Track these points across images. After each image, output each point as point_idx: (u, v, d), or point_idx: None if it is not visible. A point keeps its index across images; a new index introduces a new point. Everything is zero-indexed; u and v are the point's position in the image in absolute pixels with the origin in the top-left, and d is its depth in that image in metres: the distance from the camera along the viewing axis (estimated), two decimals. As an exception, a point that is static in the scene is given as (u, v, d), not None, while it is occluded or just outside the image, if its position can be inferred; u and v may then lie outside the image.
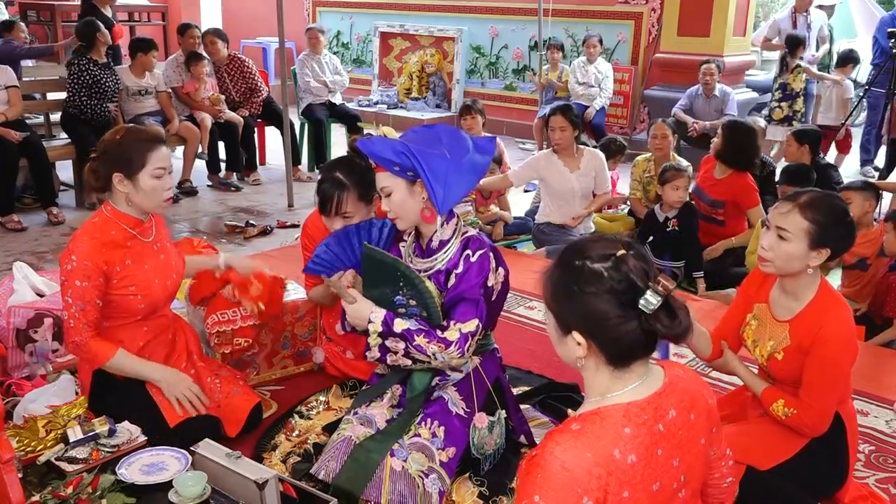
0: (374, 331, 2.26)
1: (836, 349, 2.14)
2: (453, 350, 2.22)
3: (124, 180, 2.45)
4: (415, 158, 2.19)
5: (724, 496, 1.74)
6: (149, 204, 2.50)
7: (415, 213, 2.31)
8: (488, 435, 2.35)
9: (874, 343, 3.64)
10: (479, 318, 2.24)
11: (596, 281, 1.42)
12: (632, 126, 8.30)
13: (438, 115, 9.23)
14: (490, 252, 2.31)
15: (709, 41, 7.55)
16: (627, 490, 1.39)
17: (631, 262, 1.42)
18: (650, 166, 5.20)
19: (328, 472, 2.25)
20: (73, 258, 2.39)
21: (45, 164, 5.42)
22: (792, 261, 2.15)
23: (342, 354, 3.04)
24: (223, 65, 6.74)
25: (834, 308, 2.17)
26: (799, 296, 2.22)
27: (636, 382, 1.47)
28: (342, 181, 2.67)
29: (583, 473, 1.36)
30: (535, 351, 3.39)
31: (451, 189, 2.20)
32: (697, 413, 1.53)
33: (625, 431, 1.41)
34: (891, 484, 2.56)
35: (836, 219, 2.14)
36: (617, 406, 1.45)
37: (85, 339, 2.43)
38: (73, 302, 2.40)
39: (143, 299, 2.52)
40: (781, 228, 2.15)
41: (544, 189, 4.83)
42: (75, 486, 2.15)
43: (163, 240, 2.67)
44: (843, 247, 2.20)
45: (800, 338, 2.18)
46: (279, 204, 6.02)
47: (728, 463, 1.70)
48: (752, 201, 4.48)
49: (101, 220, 2.49)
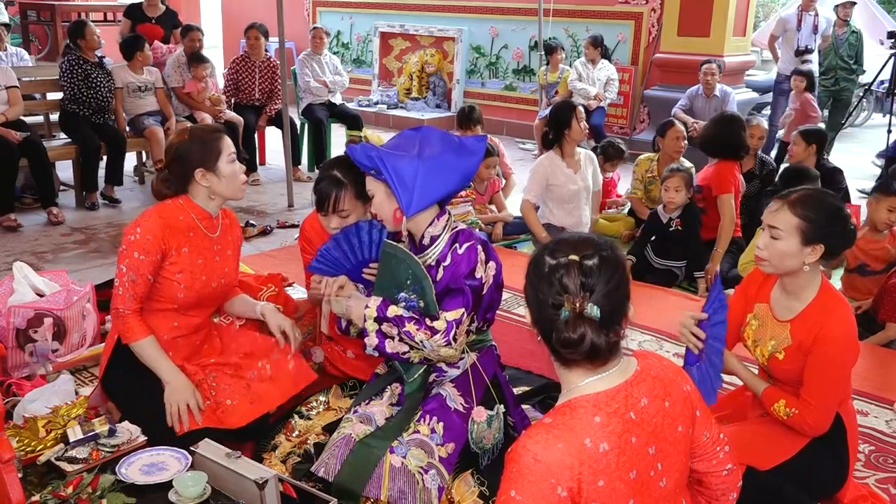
0: (369, 316, 2.31)
1: (837, 349, 2.14)
2: (439, 338, 2.25)
3: (207, 174, 2.55)
4: (381, 163, 2.26)
5: (727, 485, 1.72)
6: (231, 189, 2.61)
7: (392, 215, 2.38)
8: (487, 429, 2.36)
9: (870, 343, 3.64)
10: (465, 307, 2.28)
11: (540, 274, 1.49)
12: (632, 126, 8.30)
13: (438, 115, 9.23)
14: (478, 244, 2.34)
15: (709, 41, 7.55)
16: (602, 479, 1.41)
17: (574, 271, 1.45)
18: (653, 166, 5.20)
19: (328, 470, 2.26)
20: (137, 230, 2.49)
21: (45, 164, 5.43)
22: (786, 258, 2.15)
23: (343, 354, 3.04)
24: (258, 61, 6.77)
25: (835, 308, 2.17)
26: (800, 295, 2.22)
27: (604, 373, 1.49)
28: (339, 179, 2.69)
29: (555, 464, 1.38)
30: (535, 351, 3.39)
31: (420, 193, 2.25)
32: (672, 401, 1.54)
33: (595, 420, 1.43)
34: (891, 484, 2.56)
35: (827, 214, 2.14)
36: (587, 396, 1.47)
37: (127, 310, 2.49)
38: (126, 271, 2.48)
39: (184, 289, 2.56)
40: (773, 227, 2.16)
41: (548, 193, 4.67)
42: (75, 486, 2.15)
43: (226, 244, 2.71)
44: (839, 243, 2.18)
45: (801, 337, 2.18)
46: (279, 204, 6.02)
47: (725, 448, 1.69)
48: (723, 188, 4.47)
49: (173, 204, 2.60)
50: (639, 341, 3.66)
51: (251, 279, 3.17)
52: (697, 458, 1.66)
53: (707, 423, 1.65)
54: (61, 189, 5.97)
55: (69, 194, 5.97)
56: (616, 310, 1.47)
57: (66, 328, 3.15)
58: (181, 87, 6.47)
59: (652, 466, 1.49)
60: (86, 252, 4.81)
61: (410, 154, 2.29)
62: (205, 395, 2.56)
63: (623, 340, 1.52)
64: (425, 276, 2.31)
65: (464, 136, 2.45)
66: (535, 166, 4.68)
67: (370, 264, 2.68)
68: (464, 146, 2.36)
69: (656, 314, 3.85)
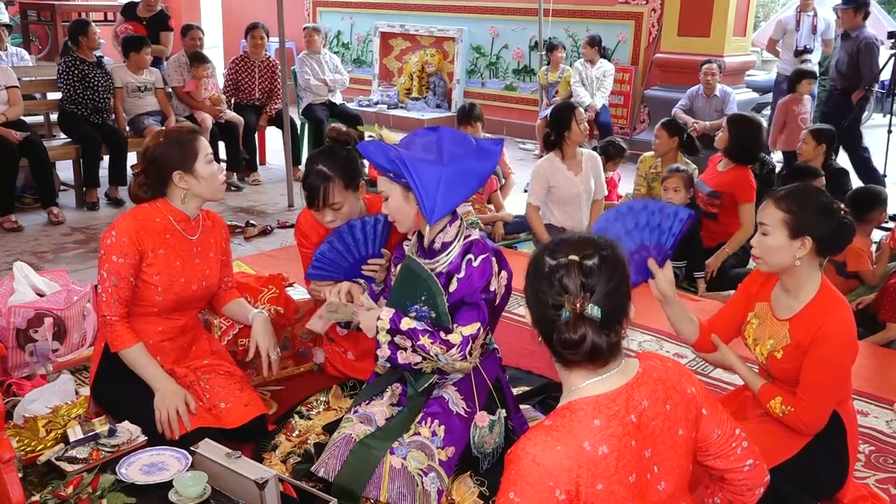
0: (382, 328, 2.28)
1: (835, 348, 2.14)
2: (455, 352, 2.23)
3: (185, 176, 2.54)
4: (405, 167, 2.19)
5: (751, 481, 1.69)
6: (210, 190, 2.61)
7: (411, 218, 2.34)
8: (489, 434, 2.36)
9: (870, 342, 3.64)
10: (482, 321, 2.25)
11: (540, 274, 1.48)
12: (632, 126, 8.30)
13: (438, 115, 9.23)
14: (492, 256, 2.31)
15: (709, 41, 7.55)
16: (601, 482, 1.40)
17: (574, 271, 1.44)
18: (657, 163, 5.20)
19: (328, 470, 2.26)
20: (113, 234, 2.49)
21: (46, 164, 5.43)
22: (776, 254, 2.17)
23: (343, 355, 3.04)
24: (259, 61, 6.78)
25: (834, 307, 2.18)
26: (799, 294, 2.23)
27: (605, 374, 1.49)
28: (325, 173, 2.69)
29: (554, 466, 1.37)
30: (536, 351, 3.38)
31: (443, 199, 2.20)
32: (674, 404, 1.53)
33: (594, 423, 1.43)
34: (891, 484, 2.56)
35: (811, 206, 2.15)
36: (587, 399, 1.47)
37: (113, 316, 2.49)
38: (107, 276, 2.48)
39: (163, 292, 2.55)
40: (762, 223, 2.20)
41: (548, 194, 4.67)
42: (75, 486, 2.15)
43: (208, 246, 2.70)
44: (830, 237, 2.18)
45: (799, 336, 2.18)
46: (279, 204, 6.02)
47: (742, 444, 1.67)
48: (748, 196, 4.44)
49: (150, 207, 2.60)
50: (639, 341, 3.66)
51: (252, 280, 3.17)
52: (714, 455, 1.65)
53: (717, 420, 1.63)
54: (61, 189, 5.96)
55: (69, 194, 5.97)
56: (617, 310, 1.47)
57: (67, 328, 3.15)
58: (181, 87, 6.47)
59: (648, 469, 1.49)
60: (86, 252, 4.81)
61: (432, 158, 2.23)
62: (197, 398, 2.56)
63: (624, 340, 1.52)
64: (441, 292, 2.29)
65: (480, 138, 2.40)
66: (536, 168, 4.68)
67: (368, 260, 2.69)
68: (482, 148, 2.32)
69: (656, 314, 3.83)
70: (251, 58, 6.79)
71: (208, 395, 2.60)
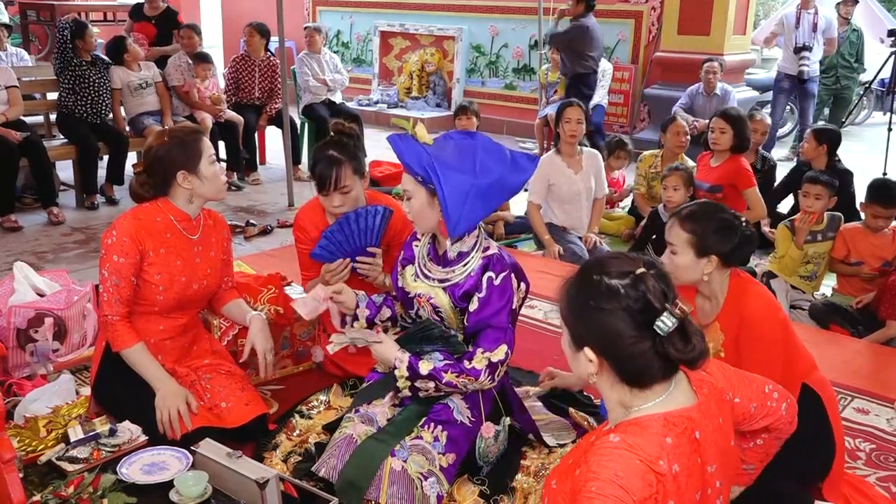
0: (400, 375, 2.25)
1: (762, 321, 2.20)
2: (484, 379, 2.20)
3: (188, 176, 2.54)
4: (436, 176, 2.13)
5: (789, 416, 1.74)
6: (213, 190, 2.61)
7: (432, 223, 2.29)
8: (493, 444, 2.35)
9: (871, 341, 3.64)
10: (508, 344, 2.22)
11: (612, 298, 1.40)
12: (632, 125, 8.30)
13: (438, 114, 9.23)
14: (511, 273, 2.26)
15: (709, 40, 7.54)
16: (673, 500, 1.37)
17: (650, 282, 1.40)
18: (657, 161, 5.20)
19: (329, 470, 2.25)
20: (113, 233, 2.49)
21: (46, 164, 5.43)
22: (685, 271, 2.23)
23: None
24: (258, 60, 6.77)
25: (746, 287, 2.26)
26: (717, 295, 2.30)
27: (661, 396, 1.45)
28: (336, 157, 2.76)
29: (637, 481, 1.34)
30: (536, 351, 3.38)
31: (469, 212, 2.14)
32: (724, 415, 1.53)
33: (666, 441, 1.39)
34: (892, 482, 2.55)
35: (714, 226, 2.21)
36: (655, 416, 1.42)
37: (114, 316, 2.49)
38: (108, 276, 2.48)
39: (163, 291, 2.55)
40: (670, 243, 2.25)
41: (548, 192, 4.70)
42: (76, 486, 2.15)
43: (209, 246, 2.69)
44: (733, 252, 2.23)
45: (730, 328, 2.24)
46: (279, 203, 6.02)
47: (774, 396, 1.69)
48: (749, 182, 4.55)
49: (151, 206, 2.59)
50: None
51: (251, 280, 3.17)
52: (759, 419, 1.67)
53: (747, 396, 1.63)
54: (61, 189, 5.96)
55: (69, 194, 5.97)
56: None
57: (67, 328, 3.15)
58: (181, 86, 6.47)
59: (711, 485, 1.46)
60: (86, 252, 4.81)
61: (465, 169, 2.15)
62: (198, 397, 2.56)
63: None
64: (459, 343, 2.29)
65: (517, 152, 2.32)
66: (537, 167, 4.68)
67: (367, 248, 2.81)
68: (516, 162, 2.26)
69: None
70: (251, 57, 6.79)
71: (209, 394, 2.59)
